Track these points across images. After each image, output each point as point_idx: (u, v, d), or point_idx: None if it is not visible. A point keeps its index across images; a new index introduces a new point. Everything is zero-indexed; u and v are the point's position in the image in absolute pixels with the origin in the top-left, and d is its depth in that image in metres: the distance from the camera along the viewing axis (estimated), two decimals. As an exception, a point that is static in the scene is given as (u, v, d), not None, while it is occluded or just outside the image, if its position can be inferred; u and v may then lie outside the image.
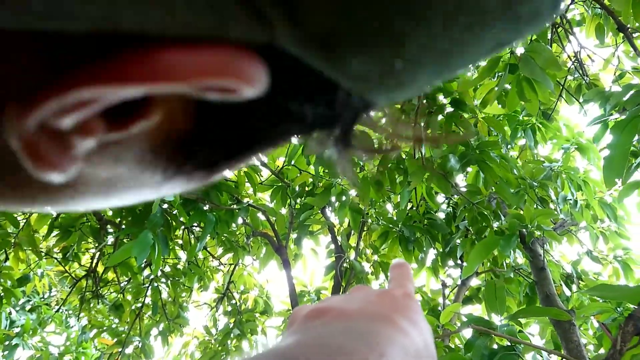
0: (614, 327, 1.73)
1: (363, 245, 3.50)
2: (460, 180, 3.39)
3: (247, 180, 3.59)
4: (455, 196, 3.53)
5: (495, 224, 2.51)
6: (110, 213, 3.54)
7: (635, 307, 1.29)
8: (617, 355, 1.19)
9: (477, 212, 2.49)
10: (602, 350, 2.37)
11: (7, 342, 4.62)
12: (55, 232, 3.44)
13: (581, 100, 3.30)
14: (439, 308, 3.60)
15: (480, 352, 1.54)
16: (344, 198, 3.27)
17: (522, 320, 3.57)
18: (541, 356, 1.54)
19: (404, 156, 2.94)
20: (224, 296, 4.41)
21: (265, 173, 3.83)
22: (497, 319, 2.16)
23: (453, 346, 2.91)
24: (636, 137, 2.57)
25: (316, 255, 4.14)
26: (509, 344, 1.57)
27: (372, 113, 0.26)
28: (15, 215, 3.18)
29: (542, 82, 2.12)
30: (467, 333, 2.21)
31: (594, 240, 3.61)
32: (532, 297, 3.17)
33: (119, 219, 3.34)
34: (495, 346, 1.66)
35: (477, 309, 3.87)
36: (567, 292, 3.10)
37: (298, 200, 3.63)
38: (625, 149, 1.63)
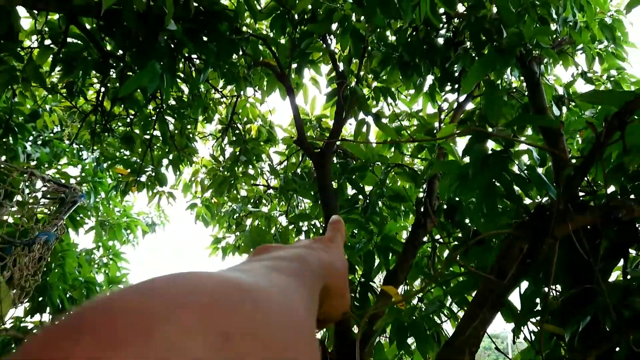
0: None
1: (364, 72, 3.57)
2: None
3: (246, 9, 3.52)
4: (456, 20, 3.51)
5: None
6: (109, 48, 3.53)
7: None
8: (599, 147, 1.35)
9: (480, 26, 2.51)
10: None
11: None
12: (59, 68, 3.46)
13: None
14: (435, 131, 3.78)
15: (476, 155, 1.72)
16: (345, 24, 3.26)
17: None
18: (532, 157, 1.72)
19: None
20: (229, 127, 4.58)
21: (263, 2, 3.75)
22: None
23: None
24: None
25: (317, 84, 4.22)
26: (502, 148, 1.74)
27: None
28: (18, 50, 3.18)
29: None
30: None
31: (590, 61, 3.68)
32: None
33: (120, 53, 3.34)
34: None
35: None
36: (557, 112, 3.25)
37: (298, 30, 3.61)
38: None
